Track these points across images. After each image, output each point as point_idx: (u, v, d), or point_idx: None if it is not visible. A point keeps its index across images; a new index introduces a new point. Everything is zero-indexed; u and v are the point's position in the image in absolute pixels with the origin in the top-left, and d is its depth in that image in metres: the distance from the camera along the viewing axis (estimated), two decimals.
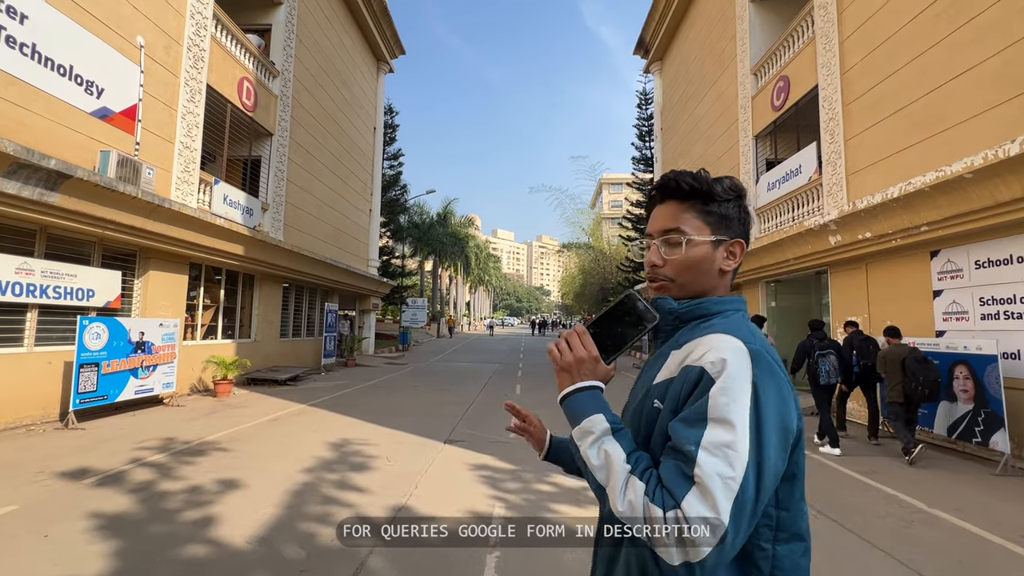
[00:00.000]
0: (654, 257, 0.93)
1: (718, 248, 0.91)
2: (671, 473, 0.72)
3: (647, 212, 0.98)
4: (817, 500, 4.33)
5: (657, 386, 0.87)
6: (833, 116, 8.89)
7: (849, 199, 8.36)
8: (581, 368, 0.85)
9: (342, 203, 17.19)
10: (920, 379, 5.59)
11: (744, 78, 12.51)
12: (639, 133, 27.83)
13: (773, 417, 0.75)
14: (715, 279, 0.92)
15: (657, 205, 0.96)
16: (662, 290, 0.92)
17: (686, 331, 0.90)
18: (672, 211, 0.92)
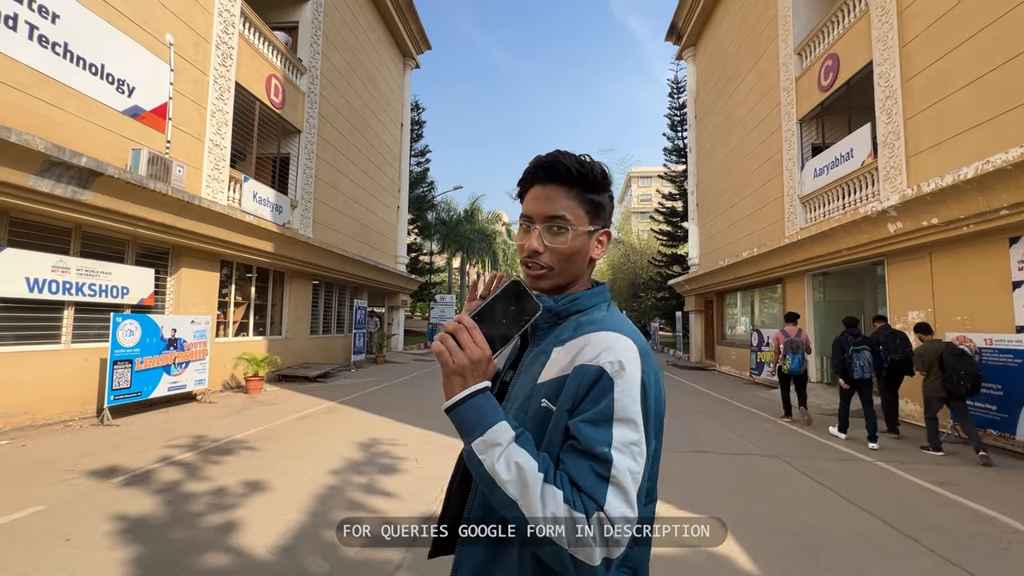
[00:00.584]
0: (535, 243, 0.87)
1: (592, 237, 0.90)
2: (586, 476, 0.73)
3: (520, 192, 0.92)
4: (887, 512, 3.87)
5: (543, 385, 0.83)
6: (891, 94, 8.19)
7: (910, 183, 7.69)
8: (476, 370, 0.78)
9: (370, 200, 17.19)
10: (961, 373, 5.53)
11: (787, 59, 11.79)
12: (671, 123, 27.02)
13: (658, 409, 0.83)
14: (584, 268, 0.91)
15: (537, 185, 0.89)
16: (540, 279, 0.89)
17: (566, 327, 0.88)
18: (557, 195, 0.87)
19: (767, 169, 12.87)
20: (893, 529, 3.62)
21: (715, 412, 8.50)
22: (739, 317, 16.23)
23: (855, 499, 4.24)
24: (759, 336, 12.48)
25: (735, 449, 5.94)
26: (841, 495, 4.35)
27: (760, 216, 13.29)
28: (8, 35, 5.83)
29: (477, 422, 0.75)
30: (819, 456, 5.69)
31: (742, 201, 14.59)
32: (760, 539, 3.41)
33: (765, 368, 12.09)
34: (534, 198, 0.88)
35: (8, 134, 5.15)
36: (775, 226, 12.28)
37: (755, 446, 6.11)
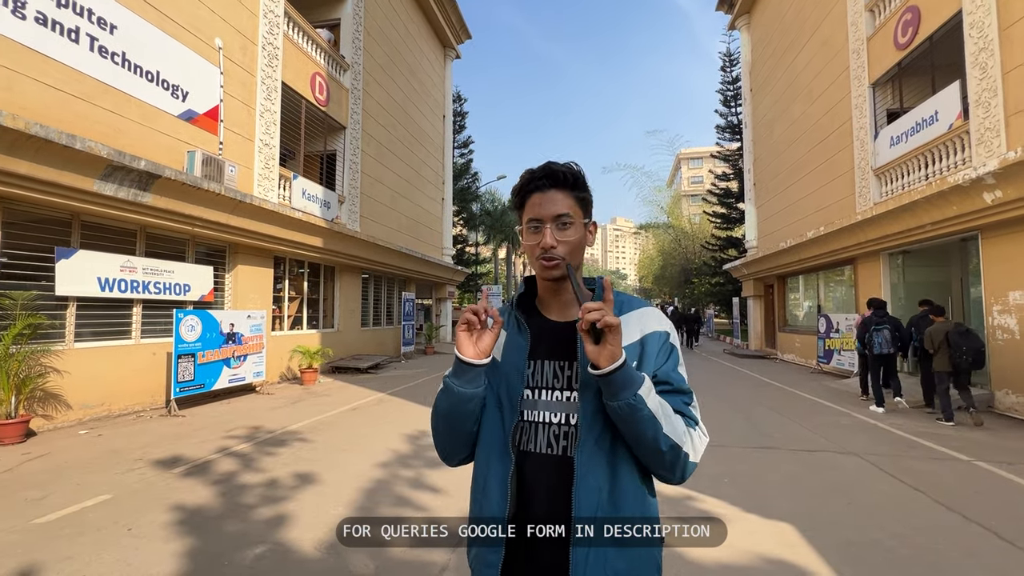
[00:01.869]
0: (550, 239, 1.00)
1: (585, 228, 1.06)
2: (683, 406, 0.98)
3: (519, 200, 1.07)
4: (997, 521, 3.35)
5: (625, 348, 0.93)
6: (985, 45, 7.22)
7: (1011, 145, 6.76)
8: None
9: (415, 193, 17.32)
10: (963, 349, 6.11)
11: (856, 17, 10.73)
12: (723, 99, 25.62)
13: None
14: (583, 256, 1.09)
15: (537, 193, 1.03)
16: (555, 268, 1.01)
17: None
18: (558, 197, 1.02)
19: (834, 141, 11.83)
20: (1007, 543, 3.13)
21: (780, 404, 7.92)
22: (803, 302, 15.17)
23: (955, 506, 3.73)
24: (827, 322, 11.57)
25: (807, 445, 5.46)
26: (937, 500, 3.85)
27: (826, 192, 12.28)
28: (71, 47, 6.14)
29: (633, 378, 0.89)
30: (905, 454, 5.12)
31: (806, 177, 13.54)
32: (845, 551, 3.03)
33: (835, 356, 11.21)
34: (538, 203, 1.02)
35: (73, 141, 5.41)
36: (844, 202, 11.29)
37: (829, 441, 5.59)
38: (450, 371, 1.00)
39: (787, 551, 3.02)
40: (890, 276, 10.25)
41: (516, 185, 1.06)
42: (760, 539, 3.16)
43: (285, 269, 10.70)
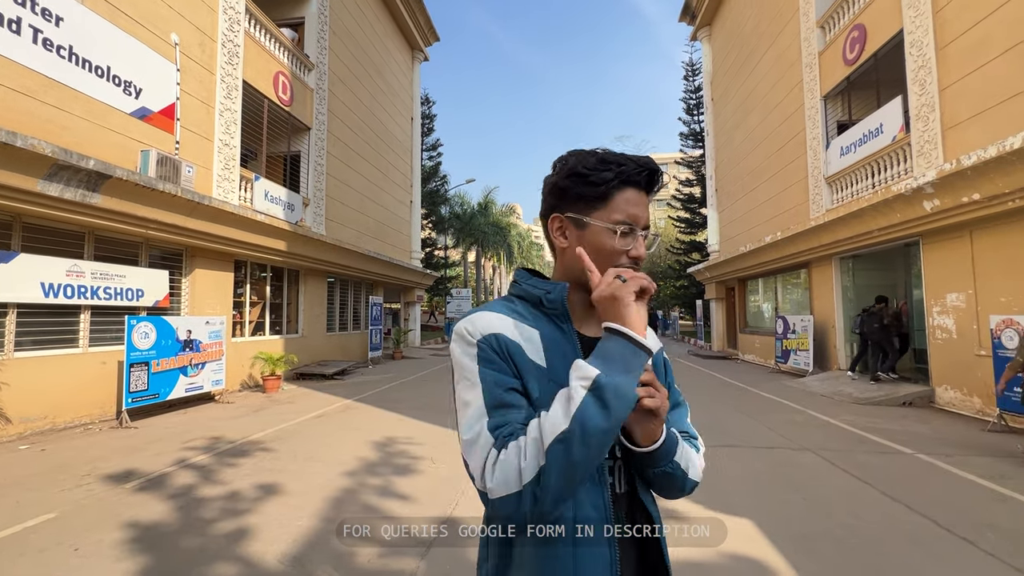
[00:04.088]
0: (644, 250, 0.88)
1: None
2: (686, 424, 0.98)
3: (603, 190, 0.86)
4: (937, 511, 3.58)
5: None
6: (924, 63, 7.72)
7: (947, 157, 7.24)
8: None
9: (383, 195, 17.11)
10: (864, 329, 9.20)
11: (808, 33, 11.27)
12: (686, 107, 26.37)
13: None
14: None
15: (634, 190, 0.87)
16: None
17: None
18: (647, 203, 0.90)
19: (789, 150, 12.37)
20: (945, 531, 3.35)
21: (741, 403, 8.20)
22: (762, 304, 15.76)
23: (900, 497, 3.96)
24: (784, 323, 12.07)
25: (765, 443, 5.67)
26: (884, 492, 4.07)
27: (783, 199, 12.82)
28: (12, 39, 5.79)
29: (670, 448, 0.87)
30: (855, 449, 5.39)
31: (763, 184, 14.10)
32: (799, 543, 3.17)
33: (791, 356, 11.69)
34: (635, 203, 0.87)
35: (14, 139, 5.10)
36: (799, 209, 11.82)
37: (786, 439, 5.83)
38: (612, 366, 0.74)
39: (747, 546, 3.14)
40: (841, 279, 10.78)
41: (601, 165, 0.85)
42: None
43: (247, 273, 10.36)
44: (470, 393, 0.81)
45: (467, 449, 0.79)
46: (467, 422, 0.80)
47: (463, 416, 0.81)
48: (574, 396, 0.73)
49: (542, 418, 0.75)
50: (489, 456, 0.76)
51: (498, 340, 0.84)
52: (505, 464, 0.73)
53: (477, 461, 0.77)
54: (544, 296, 0.89)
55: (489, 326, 0.85)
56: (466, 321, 0.87)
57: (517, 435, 0.76)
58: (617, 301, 0.77)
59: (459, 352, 0.85)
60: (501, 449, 0.75)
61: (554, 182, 0.89)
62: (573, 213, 0.87)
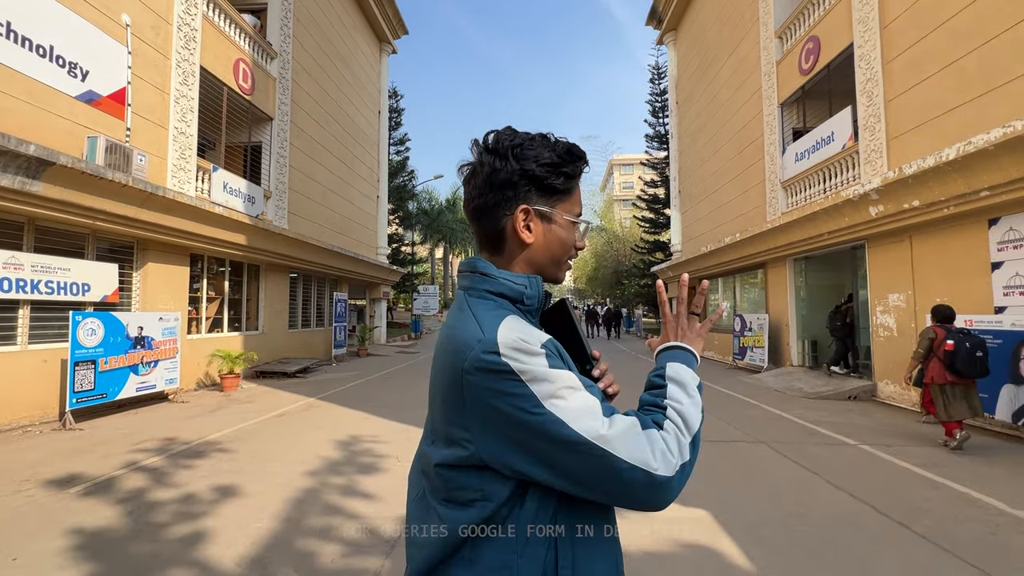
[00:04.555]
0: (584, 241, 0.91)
1: None
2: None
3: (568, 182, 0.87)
4: (877, 498, 3.83)
5: None
6: (871, 76, 8.16)
7: (891, 165, 7.69)
8: None
9: (348, 190, 16.76)
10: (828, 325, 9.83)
11: (767, 42, 11.71)
12: (652, 109, 26.92)
13: None
14: None
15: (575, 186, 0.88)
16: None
17: None
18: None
19: (749, 154, 12.84)
20: (883, 516, 3.58)
21: None
22: (721, 302, 16.32)
23: (844, 485, 4.20)
24: (742, 321, 12.54)
25: (723, 436, 5.90)
26: (829, 481, 4.31)
27: (742, 201, 13.30)
28: None
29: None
30: (805, 441, 5.68)
31: (724, 187, 14.58)
32: (752, 531, 3.33)
33: (748, 353, 12.17)
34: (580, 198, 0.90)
35: None
36: (757, 211, 12.29)
37: (742, 432, 6.08)
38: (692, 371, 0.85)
39: (703, 535, 3.27)
40: (795, 279, 11.29)
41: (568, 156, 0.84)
42: (680, 526, 3.39)
43: (203, 267, 9.96)
44: (577, 397, 0.73)
45: (614, 443, 0.70)
46: (598, 417, 0.72)
47: (587, 416, 0.71)
48: (693, 391, 0.81)
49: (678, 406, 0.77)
50: (652, 437, 0.72)
51: (555, 345, 0.78)
52: (672, 441, 0.73)
53: (641, 446, 0.71)
54: (525, 294, 0.84)
55: (533, 333, 0.77)
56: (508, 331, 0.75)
57: (653, 417, 0.77)
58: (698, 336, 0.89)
59: (531, 365, 0.72)
60: (654, 429, 0.74)
61: (526, 169, 0.82)
62: (541, 205, 0.83)
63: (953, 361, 5.04)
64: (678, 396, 0.78)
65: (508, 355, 0.72)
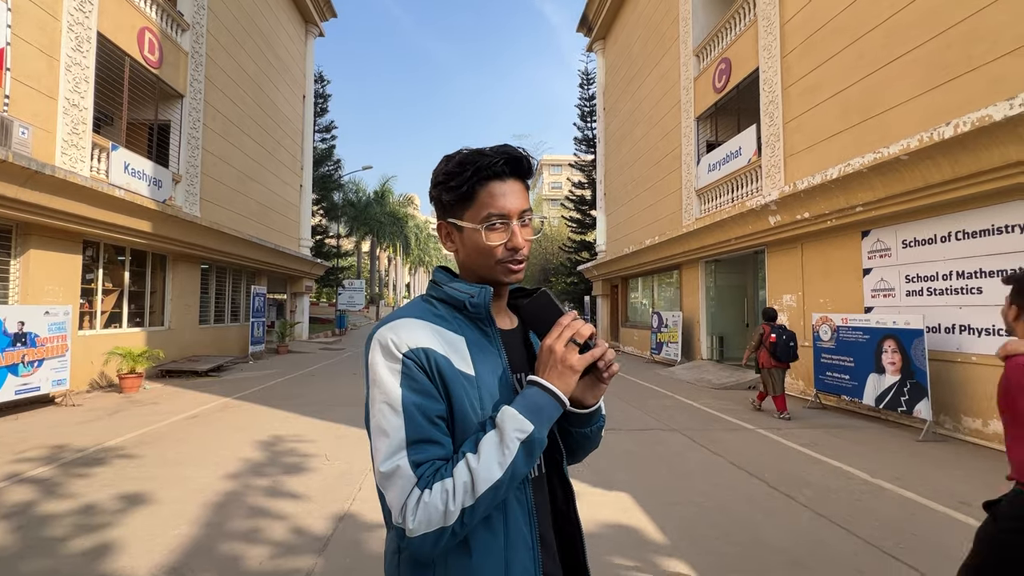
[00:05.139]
0: (521, 239, 0.87)
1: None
2: None
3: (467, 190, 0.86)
4: (769, 474, 4.37)
5: None
6: (772, 99, 9.08)
7: (787, 180, 8.62)
8: None
9: (268, 177, 15.80)
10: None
11: (687, 59, 12.59)
12: (581, 113, 27.79)
13: None
14: None
15: (497, 182, 0.86)
16: (519, 273, 0.89)
17: None
18: (520, 190, 0.88)
19: (668, 163, 13.74)
20: (773, 489, 4.09)
21: (621, 391, 9.03)
22: (641, 301, 17.34)
23: (743, 465, 4.72)
24: (659, 318, 13.43)
25: (641, 425, 6.36)
26: (732, 462, 4.83)
27: (661, 206, 14.21)
28: None
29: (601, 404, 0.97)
30: (711, 428, 6.27)
31: (645, 192, 15.49)
32: (665, 509, 3.67)
33: (664, 348, 13.06)
34: (501, 194, 0.86)
35: None
36: (674, 216, 13.21)
37: (658, 421, 6.59)
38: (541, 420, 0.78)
39: (623, 516, 3.56)
40: (705, 280, 12.29)
41: (458, 167, 0.86)
42: (603, 509, 3.66)
43: (99, 256, 8.99)
44: (390, 420, 0.77)
45: (384, 481, 0.75)
46: (385, 453, 0.76)
47: (381, 444, 0.77)
48: (509, 446, 0.75)
49: (473, 464, 0.74)
50: (411, 496, 0.73)
51: (427, 356, 0.79)
52: (430, 507, 0.72)
53: (396, 497, 0.74)
54: (468, 301, 0.86)
55: (415, 338, 0.80)
56: (388, 329, 0.81)
57: (441, 474, 0.74)
58: (568, 369, 0.81)
59: (380, 366, 0.79)
60: (424, 489, 0.73)
61: (432, 190, 0.90)
62: (450, 218, 0.88)
63: (775, 350, 6.65)
64: (485, 450, 0.75)
65: (374, 345, 0.81)
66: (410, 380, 0.78)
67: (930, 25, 6.03)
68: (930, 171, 5.59)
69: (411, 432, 0.76)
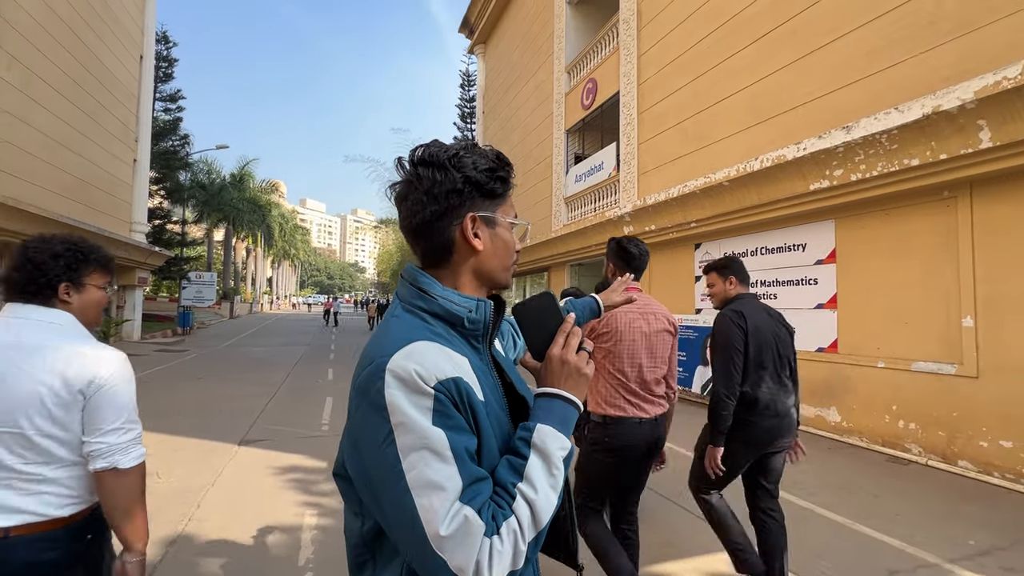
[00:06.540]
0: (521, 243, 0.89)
1: None
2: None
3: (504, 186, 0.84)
4: None
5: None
6: (630, 121, 10.12)
7: (639, 195, 9.68)
8: None
9: (89, 147, 13.31)
10: None
11: (559, 75, 13.43)
12: (461, 114, 28.08)
13: None
14: None
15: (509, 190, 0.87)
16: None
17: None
18: None
19: (541, 170, 14.53)
20: None
21: None
22: (513, 300, 18.04)
23: None
24: None
25: None
26: None
27: (534, 211, 14.97)
28: None
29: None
30: None
31: (520, 196, 16.15)
32: None
33: None
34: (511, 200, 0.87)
35: None
36: (545, 221, 14.01)
37: None
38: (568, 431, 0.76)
39: None
40: (571, 282, 13.25)
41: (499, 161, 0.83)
42: None
43: None
44: (440, 470, 0.65)
45: (447, 543, 0.63)
46: (445, 510, 0.64)
47: (435, 502, 0.64)
48: (558, 466, 0.72)
49: (530, 495, 0.69)
50: (483, 548, 0.64)
51: (458, 387, 0.70)
52: (504, 555, 0.65)
53: (466, 557, 0.63)
54: (467, 317, 0.79)
55: (441, 367, 0.70)
56: (405, 358, 0.69)
57: (500, 515, 0.67)
58: (583, 377, 0.80)
59: (406, 405, 0.67)
60: (493, 536, 0.65)
61: (469, 177, 0.79)
62: (484, 211, 0.82)
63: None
64: (536, 478, 0.70)
65: (392, 379, 0.67)
66: (445, 418, 0.67)
67: (747, 75, 7.24)
68: (744, 196, 6.74)
69: (465, 477, 0.66)
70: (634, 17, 10.00)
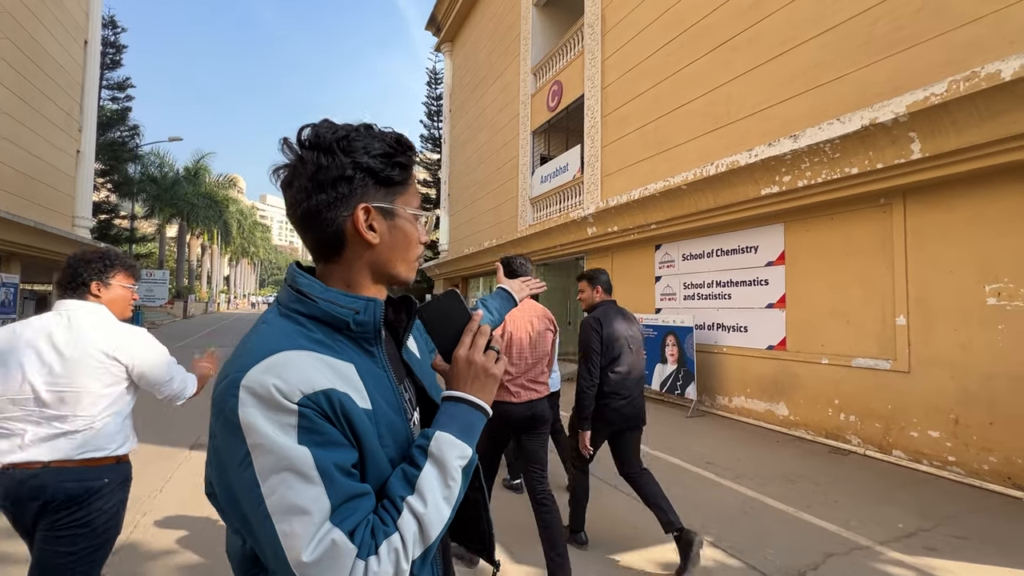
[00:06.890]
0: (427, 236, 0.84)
1: None
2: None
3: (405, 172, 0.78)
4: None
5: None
6: (594, 124, 10.29)
7: (603, 197, 9.86)
8: None
9: (28, 136, 12.51)
10: None
11: (525, 76, 13.52)
12: (428, 112, 27.82)
13: None
14: None
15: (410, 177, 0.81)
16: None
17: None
18: None
19: (507, 170, 14.58)
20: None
21: None
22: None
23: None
24: None
25: None
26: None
27: (500, 211, 15.01)
28: None
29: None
30: None
31: (486, 196, 16.18)
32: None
33: None
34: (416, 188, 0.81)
35: None
36: (511, 221, 14.07)
37: None
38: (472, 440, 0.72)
39: None
40: None
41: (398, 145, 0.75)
42: None
43: None
44: (303, 493, 0.59)
45: (311, 572, 0.57)
46: (308, 536, 0.58)
47: (298, 527, 0.58)
48: (454, 477, 0.68)
49: (419, 508, 0.64)
50: (355, 571, 0.58)
51: (329, 400, 0.63)
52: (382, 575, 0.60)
53: None
54: (353, 319, 0.72)
55: (308, 379, 0.63)
56: (263, 372, 0.62)
57: (381, 532, 0.62)
58: (491, 378, 0.76)
59: (262, 424, 0.60)
60: (369, 557, 0.60)
61: (359, 162, 0.71)
62: (380, 202, 0.74)
63: None
64: (428, 490, 0.66)
65: (246, 397, 0.61)
66: (313, 434, 0.61)
67: (704, 82, 7.48)
68: (701, 200, 6.98)
69: (335, 496, 0.60)
70: (598, 21, 10.17)
